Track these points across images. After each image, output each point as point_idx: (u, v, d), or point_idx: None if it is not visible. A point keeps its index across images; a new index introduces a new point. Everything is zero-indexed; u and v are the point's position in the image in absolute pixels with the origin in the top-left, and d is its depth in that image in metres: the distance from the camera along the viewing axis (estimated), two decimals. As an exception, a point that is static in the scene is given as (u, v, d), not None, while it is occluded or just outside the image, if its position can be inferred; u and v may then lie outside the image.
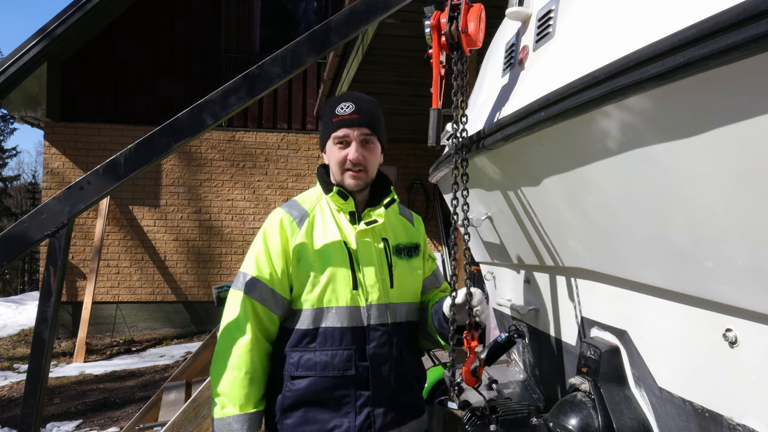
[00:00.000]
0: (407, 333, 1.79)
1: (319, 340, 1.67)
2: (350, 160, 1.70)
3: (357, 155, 1.70)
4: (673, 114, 0.95)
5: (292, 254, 1.69)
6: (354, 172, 1.71)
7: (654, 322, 1.29)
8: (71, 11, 8.27)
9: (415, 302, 1.82)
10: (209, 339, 5.44)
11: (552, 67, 1.39)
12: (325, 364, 1.66)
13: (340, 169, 1.73)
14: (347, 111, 1.70)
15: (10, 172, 27.23)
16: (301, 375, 1.67)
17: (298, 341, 1.68)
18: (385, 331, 1.71)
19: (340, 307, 1.67)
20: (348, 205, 1.74)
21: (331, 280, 1.67)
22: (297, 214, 1.73)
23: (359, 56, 5.45)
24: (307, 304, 1.68)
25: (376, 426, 1.67)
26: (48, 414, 5.55)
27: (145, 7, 9.24)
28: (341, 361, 1.66)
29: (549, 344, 1.90)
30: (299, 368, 1.67)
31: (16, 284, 25.37)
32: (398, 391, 1.73)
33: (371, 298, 1.70)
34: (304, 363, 1.67)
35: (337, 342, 1.66)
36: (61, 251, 1.68)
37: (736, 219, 0.93)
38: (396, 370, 1.72)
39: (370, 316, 1.69)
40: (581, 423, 1.39)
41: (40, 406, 1.70)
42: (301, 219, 1.72)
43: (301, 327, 1.68)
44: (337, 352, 1.66)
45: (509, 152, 1.53)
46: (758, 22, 0.73)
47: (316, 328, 1.67)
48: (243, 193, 9.55)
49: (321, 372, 1.65)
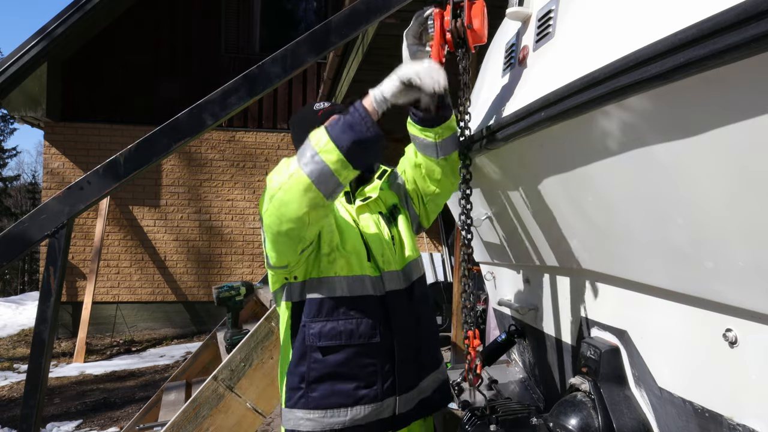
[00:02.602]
0: (420, 290, 1.86)
1: (342, 309, 1.70)
2: None
3: None
4: (673, 114, 0.95)
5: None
6: None
7: (654, 322, 1.29)
8: (71, 11, 8.27)
9: (418, 256, 1.90)
10: (209, 339, 5.44)
11: (552, 67, 1.39)
12: (351, 333, 1.69)
13: None
14: (326, 105, 1.80)
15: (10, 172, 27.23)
16: (325, 345, 1.68)
17: (318, 311, 1.70)
18: (403, 297, 1.78)
19: (360, 276, 1.72)
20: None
21: (349, 250, 1.73)
22: None
23: (359, 56, 5.44)
24: (329, 272, 1.71)
25: (399, 388, 1.72)
26: (48, 414, 5.55)
27: (145, 8, 9.24)
28: (367, 329, 1.70)
29: (549, 344, 1.90)
30: (322, 338, 1.69)
31: (16, 284, 25.36)
32: (419, 351, 1.80)
33: (385, 267, 1.77)
34: (327, 332, 1.69)
35: (360, 310, 1.70)
36: (61, 251, 1.68)
37: (737, 219, 0.93)
38: (416, 332, 1.79)
39: (385, 285, 1.75)
40: (581, 423, 1.39)
41: (40, 406, 1.70)
42: None
43: (322, 296, 1.70)
44: (361, 320, 1.70)
45: (509, 152, 1.54)
46: (758, 22, 0.73)
47: (337, 297, 1.70)
48: (243, 193, 9.55)
49: (347, 340, 1.68)
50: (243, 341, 3.32)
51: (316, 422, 1.69)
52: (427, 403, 1.83)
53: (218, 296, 4.50)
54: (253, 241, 9.58)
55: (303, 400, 1.70)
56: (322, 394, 1.69)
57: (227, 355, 3.59)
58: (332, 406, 1.68)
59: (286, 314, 1.77)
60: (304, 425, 1.70)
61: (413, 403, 1.78)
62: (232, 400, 3.17)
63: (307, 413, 1.70)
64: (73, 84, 9.02)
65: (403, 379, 1.74)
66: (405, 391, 1.75)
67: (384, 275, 1.76)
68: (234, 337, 4.28)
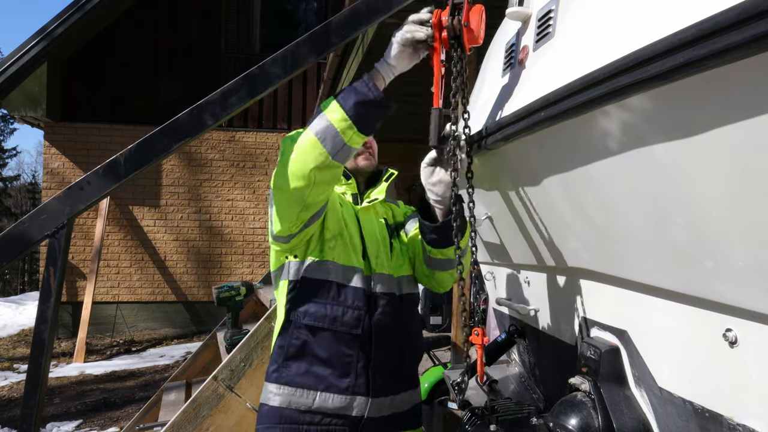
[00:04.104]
0: (408, 305, 1.89)
1: (332, 294, 1.74)
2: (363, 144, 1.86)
3: (370, 139, 1.92)
4: (673, 114, 0.95)
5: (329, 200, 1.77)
6: (366, 154, 1.93)
7: (654, 321, 1.29)
8: (71, 11, 8.27)
9: (411, 275, 1.94)
10: (209, 339, 5.44)
11: (552, 67, 1.39)
12: (335, 318, 1.73)
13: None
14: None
15: (10, 172, 27.24)
16: (309, 324, 1.72)
17: (310, 291, 1.74)
18: (390, 301, 1.81)
19: (351, 267, 1.77)
20: (351, 186, 1.93)
21: (347, 240, 1.78)
22: None
23: (359, 56, 5.44)
24: (327, 257, 1.76)
25: (372, 389, 1.74)
26: (48, 414, 5.56)
27: (145, 8, 9.24)
28: (351, 319, 1.73)
29: (549, 344, 1.90)
30: (307, 317, 1.73)
31: (16, 284, 25.37)
32: (397, 360, 1.82)
33: (377, 269, 1.81)
34: (313, 312, 1.73)
35: (348, 299, 1.74)
36: (61, 251, 1.68)
37: (737, 219, 0.93)
38: (397, 340, 1.81)
39: (375, 285, 1.79)
40: (581, 423, 1.39)
41: (40, 406, 1.70)
42: None
43: (317, 277, 1.75)
44: (347, 310, 1.73)
45: (509, 152, 1.54)
46: (758, 22, 0.73)
47: (330, 281, 1.75)
48: (243, 193, 9.55)
49: (330, 325, 1.72)
50: (243, 341, 3.32)
51: (283, 398, 1.73)
52: (400, 419, 1.83)
53: (218, 296, 4.51)
54: (253, 241, 9.59)
55: (276, 374, 1.75)
56: (297, 372, 1.73)
57: (227, 355, 3.60)
58: (302, 385, 1.72)
59: (283, 293, 1.81)
60: (273, 399, 1.74)
61: (385, 412, 1.78)
62: (232, 400, 3.18)
63: (279, 388, 1.74)
64: (73, 84, 9.02)
65: (377, 381, 1.75)
66: (378, 395, 1.75)
67: (374, 276, 1.80)
68: (234, 337, 4.28)
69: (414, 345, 1.92)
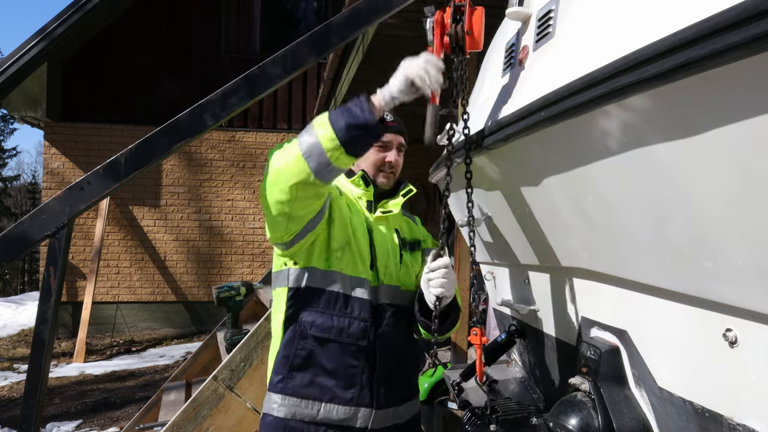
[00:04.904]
0: (412, 318, 1.87)
1: (339, 305, 1.73)
2: (389, 162, 1.86)
3: (396, 159, 1.87)
4: (673, 114, 0.95)
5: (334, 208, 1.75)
6: (387, 173, 1.88)
7: (654, 321, 1.29)
8: (71, 11, 8.26)
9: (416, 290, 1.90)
10: (209, 339, 5.44)
11: (552, 67, 1.39)
12: (341, 330, 1.72)
13: (376, 169, 1.86)
14: (389, 118, 1.81)
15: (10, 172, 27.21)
16: (316, 335, 1.72)
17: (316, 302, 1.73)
18: (395, 312, 1.80)
19: (359, 278, 1.75)
20: (368, 193, 1.87)
21: (354, 251, 1.76)
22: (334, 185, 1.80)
23: (359, 56, 5.44)
24: (334, 267, 1.74)
25: (376, 401, 1.74)
26: (48, 414, 5.56)
27: (145, 8, 9.24)
28: (357, 331, 1.73)
29: (549, 344, 1.90)
30: (314, 327, 1.72)
31: (16, 284, 25.36)
32: (400, 372, 1.82)
33: (384, 280, 1.80)
34: (320, 324, 1.72)
35: (355, 310, 1.74)
36: (61, 251, 1.68)
37: (736, 219, 0.93)
38: (401, 350, 1.82)
39: (382, 296, 1.78)
40: (581, 423, 1.39)
41: (40, 406, 1.70)
42: (338, 189, 1.83)
43: (323, 288, 1.74)
44: (354, 321, 1.73)
45: (509, 152, 1.54)
46: (758, 22, 0.73)
47: (337, 292, 1.74)
48: (243, 193, 9.55)
49: (336, 336, 1.72)
50: (243, 341, 3.32)
51: (288, 409, 1.72)
52: (401, 430, 1.84)
53: (218, 296, 4.50)
54: (253, 241, 9.58)
55: (281, 384, 1.74)
56: (302, 383, 1.72)
57: (227, 355, 3.59)
58: (307, 396, 1.72)
59: (282, 298, 1.79)
60: (277, 410, 1.74)
61: (388, 423, 1.78)
62: (232, 400, 3.18)
63: (283, 398, 1.73)
64: (73, 84, 9.02)
65: (382, 392, 1.75)
66: (381, 407, 1.75)
67: (381, 287, 1.79)
68: (234, 337, 4.28)
69: (416, 356, 1.94)
